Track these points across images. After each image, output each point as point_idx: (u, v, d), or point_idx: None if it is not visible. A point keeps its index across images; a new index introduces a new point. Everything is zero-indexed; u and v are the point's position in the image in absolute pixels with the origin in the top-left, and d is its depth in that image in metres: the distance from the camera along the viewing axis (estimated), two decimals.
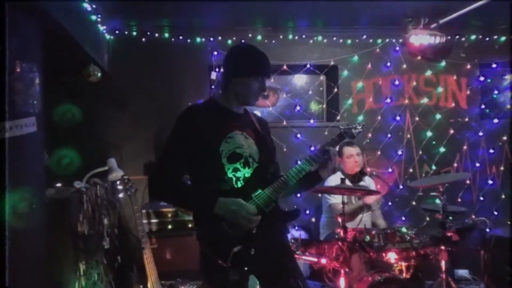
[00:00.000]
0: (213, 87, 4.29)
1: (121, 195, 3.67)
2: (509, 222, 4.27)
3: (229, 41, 4.37)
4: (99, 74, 3.59)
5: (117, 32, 4.19)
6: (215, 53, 4.33)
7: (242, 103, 2.06)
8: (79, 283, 2.81)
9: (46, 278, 2.24)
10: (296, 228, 3.97)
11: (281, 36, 4.45)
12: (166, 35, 4.31)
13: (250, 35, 4.40)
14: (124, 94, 4.19)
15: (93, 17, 3.59)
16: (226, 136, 1.95)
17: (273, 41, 4.43)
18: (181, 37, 4.32)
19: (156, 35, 4.28)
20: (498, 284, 3.28)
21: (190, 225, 3.53)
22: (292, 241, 3.07)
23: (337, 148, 2.40)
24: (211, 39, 4.35)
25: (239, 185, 1.96)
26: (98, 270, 3.08)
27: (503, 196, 4.54)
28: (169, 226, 3.59)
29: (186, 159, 1.94)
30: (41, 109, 2.14)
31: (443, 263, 2.75)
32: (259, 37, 4.41)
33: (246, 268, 1.84)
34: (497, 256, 3.29)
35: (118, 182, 3.52)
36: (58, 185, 3.05)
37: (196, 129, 1.92)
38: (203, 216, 1.90)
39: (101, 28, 3.91)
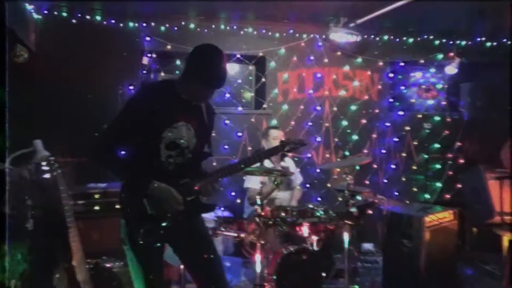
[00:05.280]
0: (144, 71, 4.27)
1: (46, 176, 3.56)
2: (407, 201, 4.75)
3: (162, 28, 4.35)
4: (26, 55, 3.45)
5: (45, 12, 4.00)
6: (148, 38, 4.30)
7: (189, 99, 2.08)
8: (2, 263, 2.75)
9: None
10: (222, 208, 4.12)
11: (213, 26, 4.50)
12: (98, 17, 4.19)
13: (183, 23, 4.42)
14: (52, 76, 4.03)
15: None
16: (171, 126, 2.00)
17: (205, 30, 4.48)
18: (113, 21, 4.23)
19: (88, 17, 4.15)
20: (393, 255, 3.66)
21: (117, 206, 3.53)
22: (216, 219, 3.20)
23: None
24: (144, 24, 4.31)
25: (170, 168, 2.04)
26: (22, 250, 3.02)
27: (403, 179, 5.02)
28: (96, 207, 3.58)
29: (130, 134, 1.97)
30: None
31: (346, 236, 3.02)
32: (191, 25, 4.44)
33: (157, 245, 1.98)
34: (392, 230, 3.67)
35: (43, 164, 3.42)
36: None
37: (147, 110, 1.94)
38: (133, 192, 1.98)
39: (29, 7, 3.72)
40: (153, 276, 2.02)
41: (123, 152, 2.05)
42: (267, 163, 3.77)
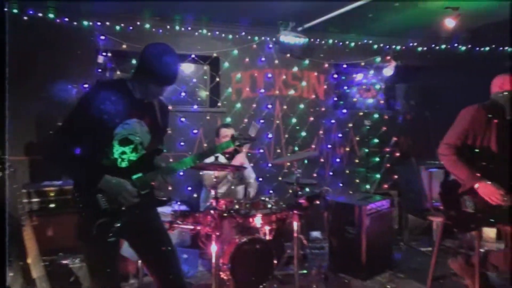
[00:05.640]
0: (99, 70, 4.14)
1: None
2: (350, 192, 4.97)
3: (117, 27, 4.25)
4: None
5: None
6: (103, 37, 4.18)
7: (141, 97, 2.06)
8: None
9: None
10: (179, 203, 4.10)
11: (168, 27, 4.46)
12: (51, 15, 4.00)
13: (138, 23, 4.33)
14: (3, 73, 3.80)
15: None
16: (123, 122, 1.98)
17: (160, 30, 4.42)
18: (66, 19, 4.06)
19: (40, 14, 3.96)
20: (338, 240, 3.84)
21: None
22: (172, 213, 3.19)
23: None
24: (99, 23, 4.18)
25: (123, 165, 2.02)
26: None
27: (347, 171, 5.24)
28: (52, 205, 3.45)
29: (83, 131, 1.93)
30: None
31: (295, 225, 3.12)
32: (147, 26, 4.36)
33: (111, 239, 1.93)
34: (337, 218, 3.85)
35: None
36: None
37: (99, 107, 1.91)
38: (86, 188, 1.94)
39: None
40: (109, 271, 1.99)
41: (77, 150, 2.00)
42: (222, 159, 3.81)
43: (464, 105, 2.78)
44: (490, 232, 4.35)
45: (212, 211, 2.89)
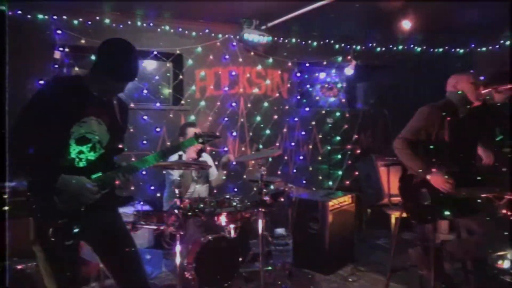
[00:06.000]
0: (56, 66, 3.96)
1: None
2: (314, 189, 5.06)
3: (75, 22, 4.08)
4: None
5: None
6: (59, 31, 3.99)
7: (101, 94, 1.99)
8: None
9: None
10: (141, 202, 4.00)
11: (129, 22, 4.33)
12: (3, 7, 3.75)
13: (97, 18, 4.18)
14: None
15: None
16: (80, 120, 1.91)
17: (121, 26, 4.29)
18: (20, 12, 3.85)
19: None
20: (302, 236, 3.90)
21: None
22: (135, 213, 3.11)
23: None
24: (55, 17, 3.99)
25: (81, 165, 1.94)
26: None
27: (310, 169, 5.33)
28: (5, 208, 3.25)
29: (37, 130, 1.84)
30: None
31: (260, 223, 3.14)
32: (107, 21, 4.22)
33: (70, 243, 1.84)
34: (300, 214, 3.91)
35: None
36: None
37: (53, 105, 1.83)
38: (42, 189, 1.85)
39: None
40: (68, 275, 1.90)
41: (31, 150, 1.91)
42: (186, 158, 3.75)
43: (419, 103, 2.90)
44: (443, 223, 4.58)
45: (176, 211, 2.85)
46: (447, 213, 2.72)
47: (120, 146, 2.16)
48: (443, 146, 2.71)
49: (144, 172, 4.28)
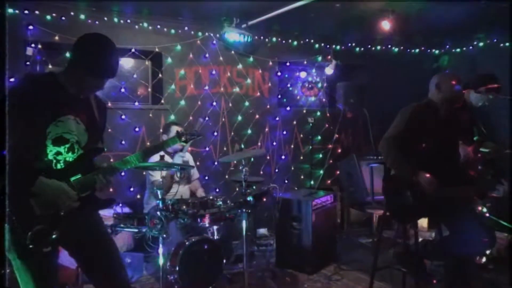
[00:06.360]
0: (28, 63, 3.78)
1: None
2: (296, 188, 5.06)
3: (48, 17, 3.90)
4: None
5: None
6: (31, 27, 3.81)
7: (78, 92, 1.90)
8: None
9: None
10: (121, 205, 3.88)
11: (105, 18, 4.19)
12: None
13: (72, 13, 4.01)
14: None
15: None
16: (57, 119, 1.81)
17: (97, 22, 4.13)
18: None
19: None
20: (285, 236, 3.87)
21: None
22: (115, 216, 3.01)
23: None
24: (26, 11, 3.80)
25: (59, 167, 1.84)
26: None
27: (292, 168, 5.32)
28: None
29: (10, 130, 1.70)
30: None
31: (244, 223, 3.09)
32: (82, 16, 4.06)
33: (48, 249, 1.73)
34: (283, 214, 3.88)
35: None
36: None
37: (27, 104, 1.72)
38: (17, 192, 1.71)
39: None
40: (46, 283, 1.80)
41: (3, 151, 1.79)
42: (167, 158, 3.66)
43: (397, 102, 2.93)
44: (422, 222, 4.66)
45: (158, 212, 2.76)
46: (430, 212, 2.75)
47: (99, 146, 2.07)
48: (426, 145, 2.73)
49: (122, 174, 4.15)
